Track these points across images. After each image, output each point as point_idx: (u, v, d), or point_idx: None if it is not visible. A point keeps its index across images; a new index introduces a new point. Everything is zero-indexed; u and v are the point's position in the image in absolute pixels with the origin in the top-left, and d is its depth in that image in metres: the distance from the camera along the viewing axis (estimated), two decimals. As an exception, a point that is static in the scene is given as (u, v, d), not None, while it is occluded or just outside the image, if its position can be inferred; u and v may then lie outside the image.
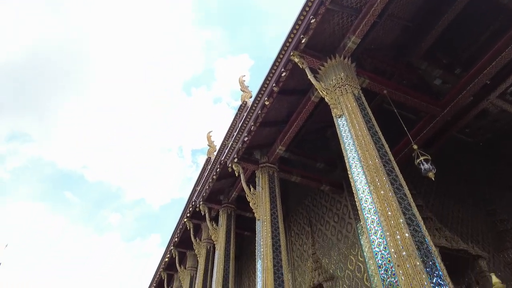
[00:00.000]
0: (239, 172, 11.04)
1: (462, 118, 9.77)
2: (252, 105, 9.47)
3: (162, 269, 21.38)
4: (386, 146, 6.29)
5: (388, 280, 4.57)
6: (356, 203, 5.75)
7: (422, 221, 5.04)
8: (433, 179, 6.38)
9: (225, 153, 11.22)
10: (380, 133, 6.52)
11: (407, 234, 4.67)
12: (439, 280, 4.25)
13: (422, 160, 6.49)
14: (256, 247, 9.49)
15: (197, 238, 16.69)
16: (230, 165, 10.99)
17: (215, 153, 14.56)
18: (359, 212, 5.63)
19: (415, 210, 5.18)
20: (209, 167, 13.78)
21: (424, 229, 4.89)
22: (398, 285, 4.37)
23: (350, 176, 6.19)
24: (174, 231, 18.78)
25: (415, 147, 6.79)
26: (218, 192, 14.50)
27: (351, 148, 6.43)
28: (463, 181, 12.65)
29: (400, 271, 4.40)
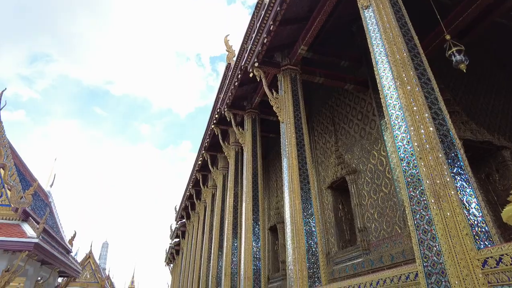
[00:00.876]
0: (260, 77, 10.91)
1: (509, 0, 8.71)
2: (270, 1, 8.80)
3: (196, 171, 23.28)
4: (416, 38, 5.89)
5: (410, 171, 4.81)
6: (381, 100, 5.70)
7: (448, 115, 5.01)
8: (464, 71, 6.09)
9: (245, 58, 10.94)
10: (410, 25, 6.05)
11: (431, 128, 4.71)
12: (459, 170, 4.43)
13: (454, 51, 6.10)
14: (281, 147, 9.98)
15: (225, 142, 17.59)
16: (251, 70, 10.82)
17: (234, 59, 14.20)
18: (384, 109, 5.62)
19: (441, 104, 5.10)
20: (229, 73, 13.64)
21: (450, 123, 4.89)
22: (419, 175, 4.61)
23: (375, 72, 6.00)
24: (204, 137, 19.78)
25: (447, 37, 6.31)
26: (241, 98, 14.66)
27: (378, 42, 6.07)
28: (499, 68, 11.98)
29: (422, 163, 4.59)
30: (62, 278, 13.60)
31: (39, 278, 10.53)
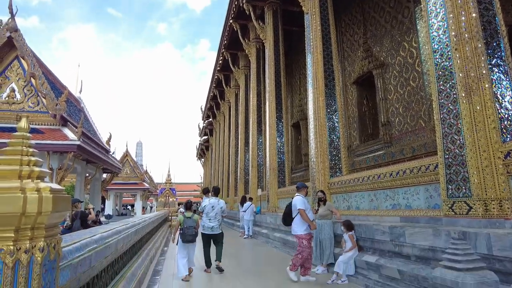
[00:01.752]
0: (281, -40, 9.70)
1: None
2: None
3: (218, 71, 23.02)
4: None
5: (442, 64, 4.54)
6: (419, -17, 5.05)
7: (496, -4, 4.41)
8: None
9: None
10: None
11: (474, 15, 4.24)
12: (499, 61, 4.12)
13: None
14: (305, 42, 9.47)
15: (245, 39, 16.82)
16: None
17: None
18: (421, -7, 5.02)
19: (490, -16, 4.46)
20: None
21: (498, 6, 4.35)
22: (452, 68, 4.36)
23: None
24: (222, 34, 18.89)
25: None
26: (261, -13, 13.38)
27: None
28: None
29: (457, 55, 4.28)
30: (106, 174, 15.20)
31: (87, 175, 11.88)
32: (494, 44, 4.17)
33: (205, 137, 40.44)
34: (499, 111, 3.98)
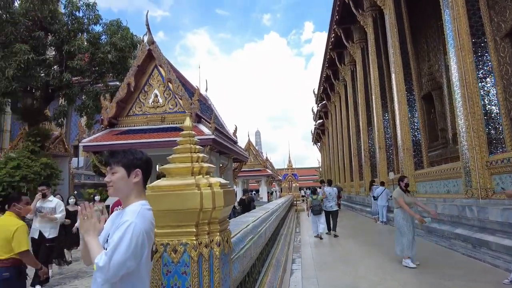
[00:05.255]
0: None
1: None
2: None
3: (330, 50, 22.08)
4: None
5: None
6: None
7: None
8: None
9: None
10: None
11: None
12: None
13: None
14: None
15: (359, 10, 15.53)
16: None
17: None
18: None
19: None
20: None
21: None
22: None
23: None
24: (333, 9, 17.92)
25: None
26: None
27: None
28: None
29: None
30: (234, 163, 16.36)
31: (220, 165, 12.97)
32: None
33: (320, 120, 39.77)
34: None
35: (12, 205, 3.45)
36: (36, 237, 5.61)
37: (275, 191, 38.20)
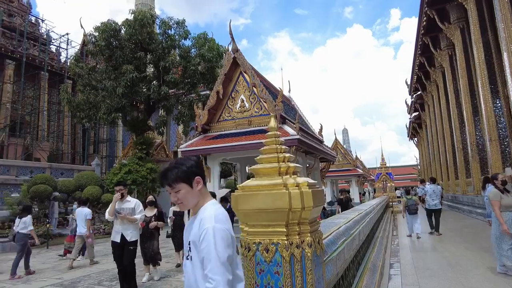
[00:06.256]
0: None
1: None
2: None
3: (421, 35, 20.06)
4: None
5: None
6: None
7: None
8: None
9: None
10: None
11: None
12: None
13: None
14: None
15: (456, -14, 13.78)
16: None
17: None
18: None
19: None
20: None
21: None
22: None
23: None
24: (423, -10, 16.26)
25: None
26: None
27: None
28: None
29: None
30: (322, 163, 16.02)
31: (307, 165, 12.83)
32: None
33: (416, 113, 36.35)
34: None
35: None
36: (118, 241, 5.27)
37: (368, 192, 36.24)
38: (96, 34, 17.25)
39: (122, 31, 17.68)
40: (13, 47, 24.44)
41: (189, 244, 1.55)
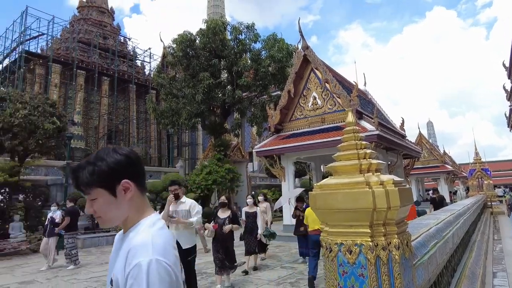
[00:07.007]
0: None
1: None
2: None
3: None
4: None
5: None
6: None
7: None
8: None
9: None
10: None
11: None
12: None
13: None
14: None
15: None
16: None
17: None
18: None
19: None
20: None
21: None
22: None
23: None
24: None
25: None
26: None
27: None
28: None
29: None
30: (405, 160, 14.87)
31: (389, 162, 12.04)
32: None
33: (517, 99, 31.53)
34: None
35: None
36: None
37: (460, 190, 32.58)
38: (174, 45, 18.68)
39: (197, 41, 18.81)
40: (107, 65, 27.98)
41: (111, 282, 1.03)
